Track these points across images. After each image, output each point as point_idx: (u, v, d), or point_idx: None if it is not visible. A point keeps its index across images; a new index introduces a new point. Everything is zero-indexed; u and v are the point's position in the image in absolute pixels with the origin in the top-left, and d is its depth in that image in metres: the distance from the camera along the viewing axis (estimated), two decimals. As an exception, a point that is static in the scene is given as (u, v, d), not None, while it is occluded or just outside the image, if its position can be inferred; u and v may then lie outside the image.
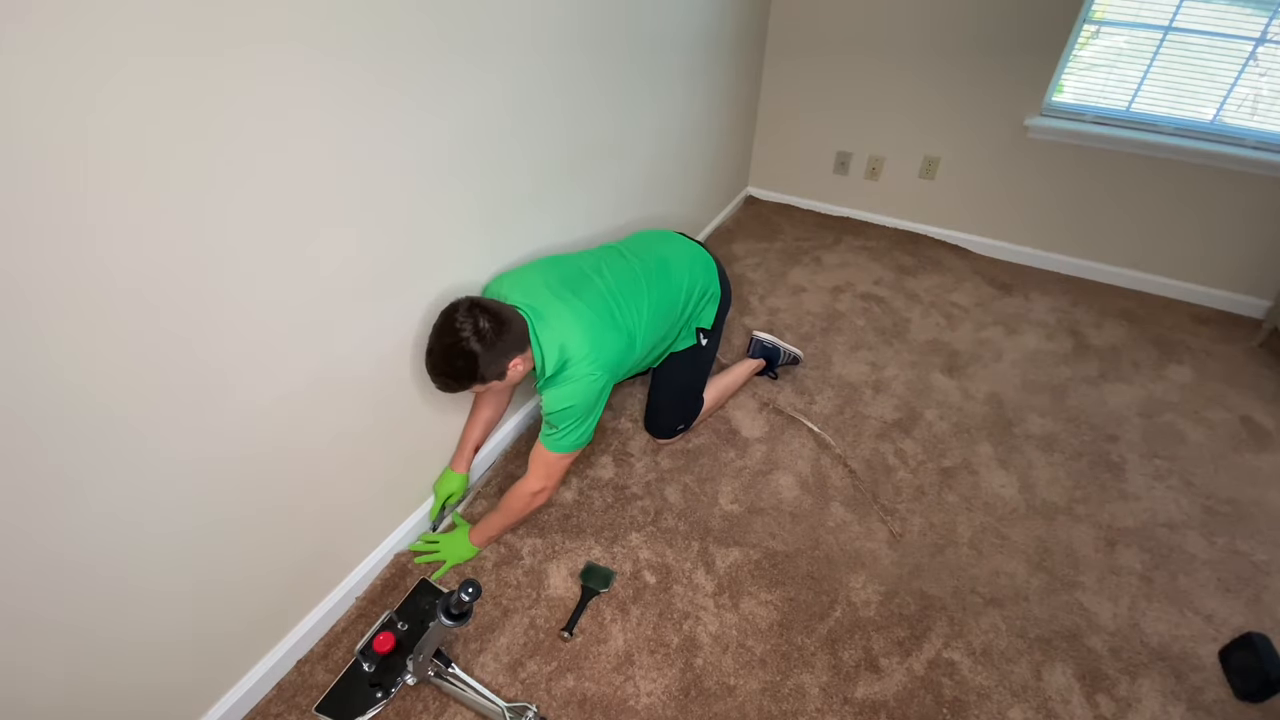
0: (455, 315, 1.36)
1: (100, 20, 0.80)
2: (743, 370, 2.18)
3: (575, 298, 1.54)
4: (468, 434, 1.79)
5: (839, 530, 1.81)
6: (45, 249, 0.85)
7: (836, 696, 1.47)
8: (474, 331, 1.35)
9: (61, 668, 1.06)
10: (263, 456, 1.27)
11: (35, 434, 0.91)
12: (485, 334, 1.36)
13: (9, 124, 0.77)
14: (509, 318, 1.42)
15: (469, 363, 1.36)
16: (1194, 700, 1.47)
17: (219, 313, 1.09)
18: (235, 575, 1.31)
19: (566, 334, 1.48)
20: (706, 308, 1.84)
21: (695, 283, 1.79)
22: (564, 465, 1.59)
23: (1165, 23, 2.30)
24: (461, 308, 1.37)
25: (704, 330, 1.87)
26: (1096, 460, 2.02)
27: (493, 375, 1.42)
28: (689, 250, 1.84)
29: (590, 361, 1.48)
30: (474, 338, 1.35)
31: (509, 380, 1.47)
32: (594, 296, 1.57)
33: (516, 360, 1.44)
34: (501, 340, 1.38)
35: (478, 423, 1.79)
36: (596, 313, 1.54)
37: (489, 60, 1.44)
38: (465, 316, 1.36)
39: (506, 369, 1.43)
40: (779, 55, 2.97)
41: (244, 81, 0.98)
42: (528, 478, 1.61)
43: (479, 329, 1.35)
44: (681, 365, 1.91)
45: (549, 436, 1.54)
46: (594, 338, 1.50)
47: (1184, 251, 2.65)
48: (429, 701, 1.44)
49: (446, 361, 1.38)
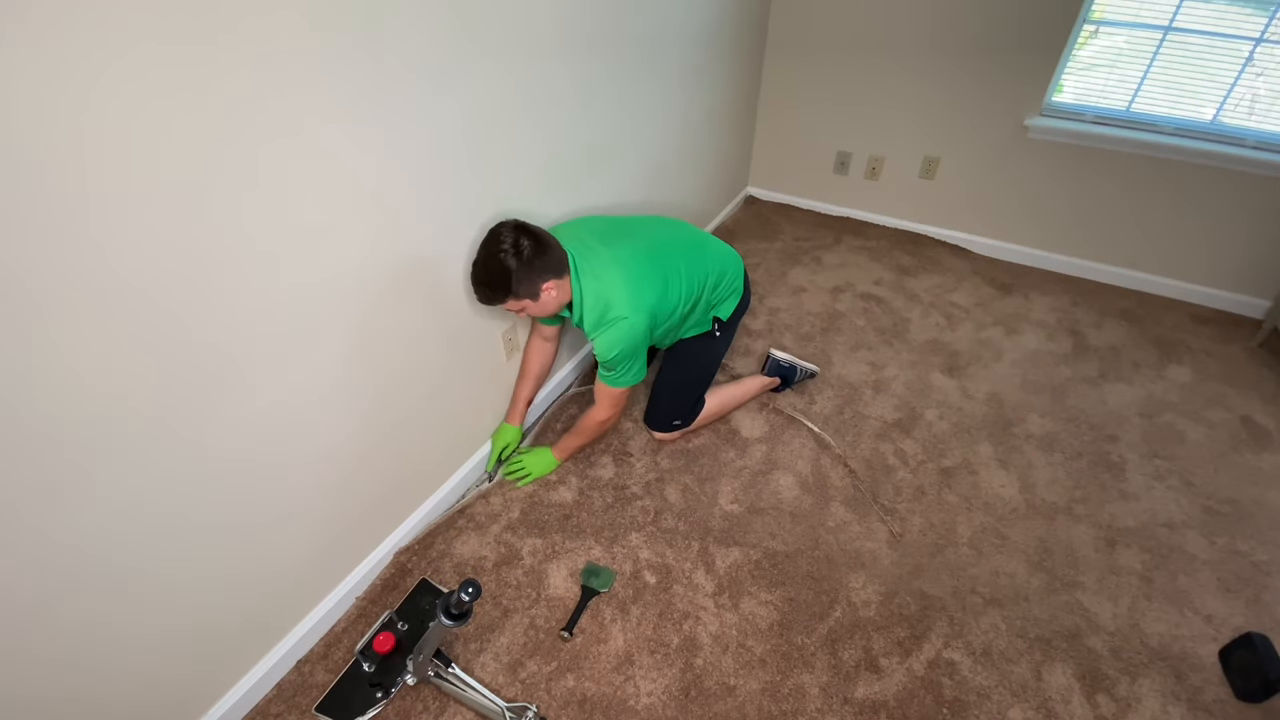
0: (501, 232, 1.48)
1: (104, 10, 0.81)
2: (753, 384, 2.15)
3: (618, 246, 1.64)
4: (519, 391, 1.95)
5: (839, 530, 1.81)
6: (51, 247, 0.85)
7: (836, 696, 1.47)
8: (513, 247, 1.46)
9: (61, 666, 1.06)
10: (265, 457, 1.27)
11: (43, 431, 0.92)
12: (523, 251, 1.46)
13: (18, 122, 0.77)
14: (549, 244, 1.52)
15: (505, 275, 1.47)
16: (1194, 700, 1.47)
17: (227, 313, 1.09)
18: (235, 575, 1.31)
19: (608, 279, 1.59)
20: (728, 299, 1.89)
21: (725, 270, 1.86)
22: (624, 396, 1.77)
23: (1165, 23, 2.30)
24: (508, 226, 1.48)
25: (720, 321, 1.90)
26: (1096, 460, 2.02)
27: (525, 293, 1.51)
28: (722, 245, 1.92)
29: (630, 306, 1.58)
30: (512, 253, 1.46)
31: (542, 304, 1.56)
32: (636, 247, 1.67)
33: (550, 284, 1.53)
34: (538, 260, 1.48)
35: (527, 379, 1.93)
36: (637, 261, 1.64)
37: (491, 59, 1.44)
38: (509, 234, 1.47)
39: (540, 290, 1.52)
40: (779, 55, 2.97)
41: (258, 66, 0.98)
42: (596, 408, 1.80)
43: (518, 246, 1.46)
44: (690, 354, 1.93)
45: (607, 376, 1.70)
46: (633, 283, 1.60)
47: (1184, 251, 2.65)
48: (429, 701, 1.44)
49: (486, 271, 1.48)
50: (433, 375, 1.64)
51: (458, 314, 1.66)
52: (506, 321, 1.85)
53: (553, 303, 1.57)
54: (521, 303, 1.54)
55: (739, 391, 2.12)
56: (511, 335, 1.88)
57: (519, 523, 1.81)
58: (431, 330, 1.59)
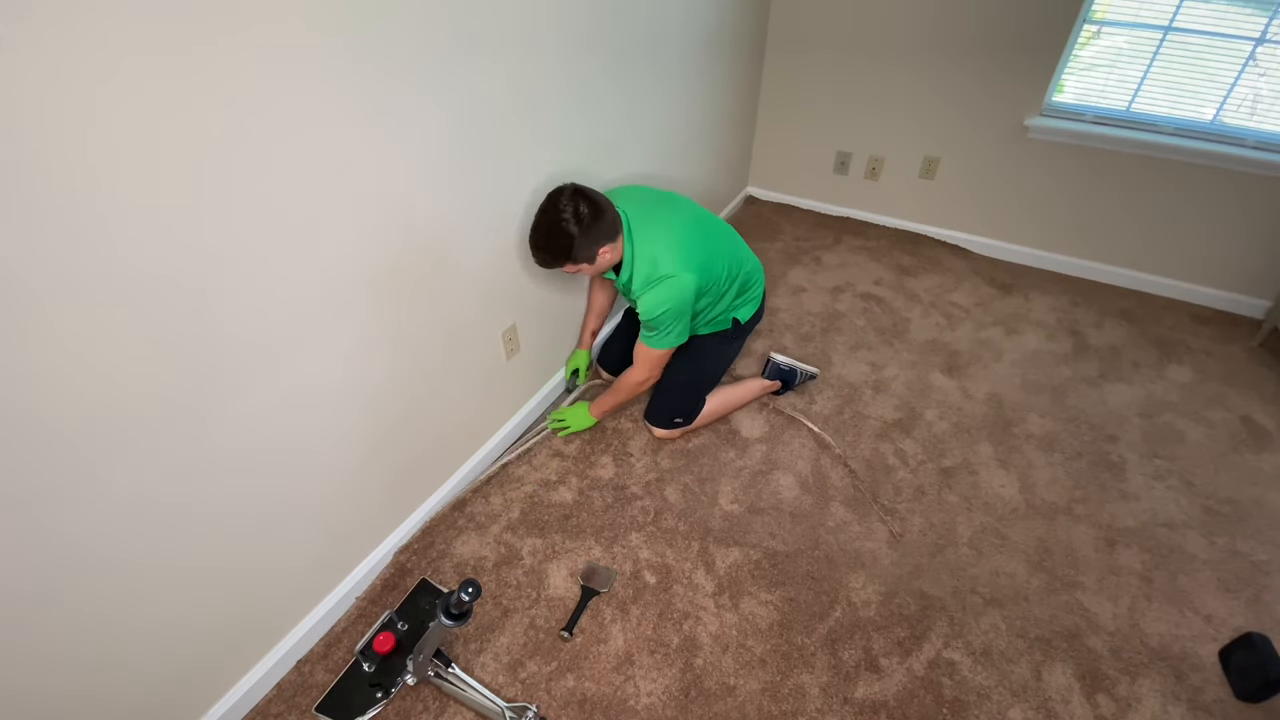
0: (560, 199, 1.51)
1: (102, 17, 0.81)
2: (753, 387, 2.15)
3: (669, 213, 1.72)
4: (586, 323, 2.17)
5: (839, 530, 1.81)
6: (57, 246, 0.85)
7: (836, 696, 1.47)
8: (574, 215, 1.50)
9: (61, 666, 1.06)
10: (266, 455, 1.27)
11: (48, 426, 0.92)
12: (584, 218, 1.51)
13: (25, 120, 0.77)
14: (605, 207, 1.57)
15: (567, 242, 1.52)
16: (1194, 700, 1.47)
17: (231, 310, 1.09)
18: (235, 575, 1.31)
19: (660, 239, 1.65)
20: (749, 302, 1.95)
21: (754, 274, 1.93)
22: (665, 358, 1.82)
23: (1165, 23, 2.31)
24: (566, 192, 1.52)
25: (738, 323, 1.95)
26: (1096, 460, 2.02)
27: (584, 258, 1.57)
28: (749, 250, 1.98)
29: (679, 264, 1.63)
30: (574, 220, 1.50)
31: (596, 265, 1.63)
32: (685, 217, 1.75)
33: (605, 249, 1.60)
34: (597, 225, 1.54)
35: (593, 312, 2.15)
36: (687, 229, 1.71)
37: (489, 59, 1.44)
38: (568, 201, 1.50)
39: (596, 254, 1.59)
40: (779, 55, 2.97)
41: (266, 65, 0.98)
42: (634, 369, 1.85)
43: (579, 213, 1.50)
44: (703, 352, 1.98)
45: (650, 337, 1.75)
46: (684, 245, 1.66)
47: (1184, 251, 2.65)
48: (429, 701, 1.44)
49: (548, 239, 1.53)
50: (432, 375, 1.64)
51: (459, 314, 1.66)
52: (506, 321, 1.85)
53: (606, 264, 1.65)
54: (579, 266, 1.60)
55: (739, 393, 2.12)
56: (511, 335, 1.88)
57: (519, 523, 1.81)
58: (433, 330, 1.59)
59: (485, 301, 1.73)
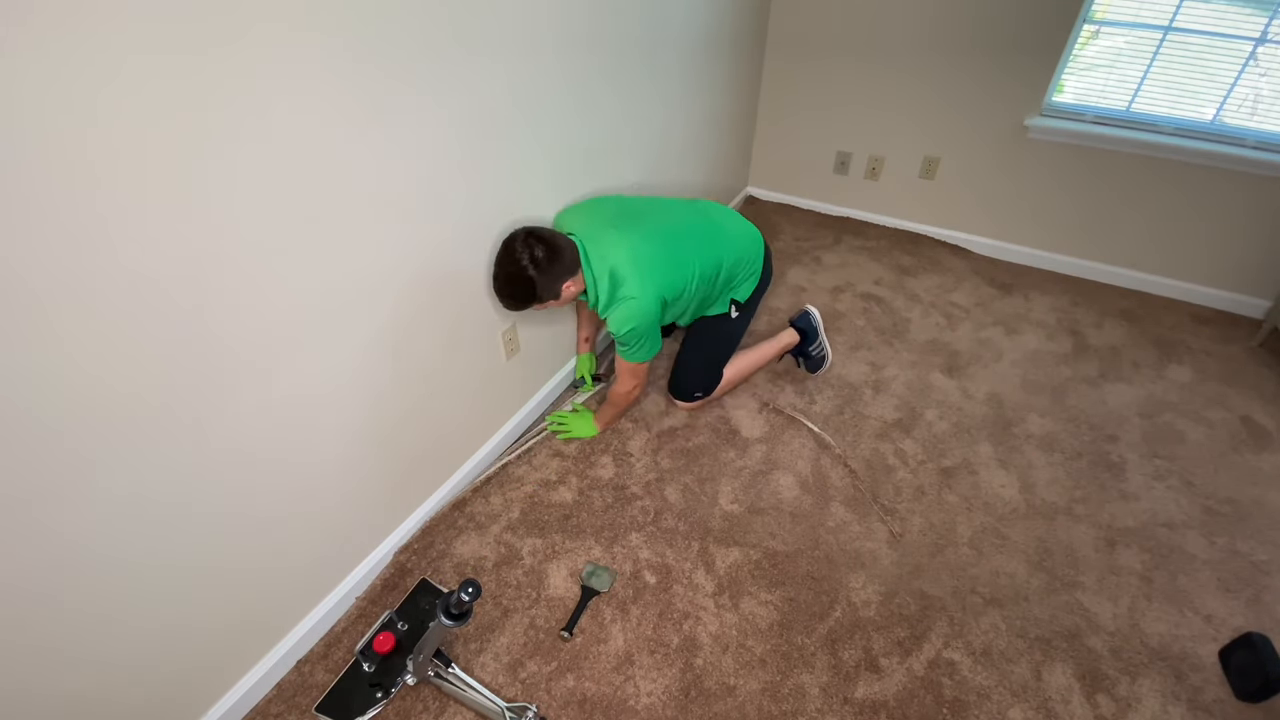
0: (515, 246, 1.55)
1: (104, 18, 0.81)
2: (769, 349, 2.20)
3: (628, 229, 1.71)
4: (579, 333, 2.22)
5: (839, 530, 1.81)
6: (55, 247, 0.85)
7: (836, 696, 1.47)
8: (530, 260, 1.54)
9: (60, 665, 1.06)
10: (266, 455, 1.27)
11: (49, 427, 0.92)
12: (540, 261, 1.55)
13: (24, 122, 0.77)
14: (561, 245, 1.60)
15: (528, 286, 1.57)
16: (1194, 700, 1.47)
17: (235, 310, 1.09)
18: (235, 574, 1.31)
19: (615, 260, 1.66)
20: (746, 282, 1.95)
21: (743, 254, 1.92)
22: (644, 370, 1.86)
23: (1165, 23, 2.31)
24: (519, 239, 1.56)
25: (737, 303, 1.97)
26: (1096, 460, 2.02)
27: (548, 296, 1.62)
28: (745, 226, 1.98)
29: (639, 284, 1.66)
30: (531, 265, 1.55)
31: (564, 299, 1.67)
32: (647, 229, 1.74)
33: (569, 283, 1.64)
34: (554, 266, 1.58)
35: (582, 323, 2.19)
36: (646, 245, 1.70)
37: (489, 59, 1.44)
38: (523, 247, 1.54)
39: (560, 291, 1.64)
40: (779, 55, 2.97)
41: (265, 65, 0.98)
42: (619, 383, 1.91)
43: (535, 257, 1.55)
44: (709, 331, 2.02)
45: (623, 351, 1.78)
46: (641, 263, 1.67)
47: (1184, 251, 2.65)
48: (429, 701, 1.44)
49: (509, 285, 1.58)
50: (433, 375, 1.64)
51: (459, 314, 1.66)
52: (506, 322, 1.85)
53: (573, 296, 1.69)
54: (546, 304, 1.66)
55: (754, 357, 2.18)
56: (511, 335, 1.89)
57: (519, 523, 1.81)
58: (433, 330, 1.59)
59: (485, 302, 1.73)
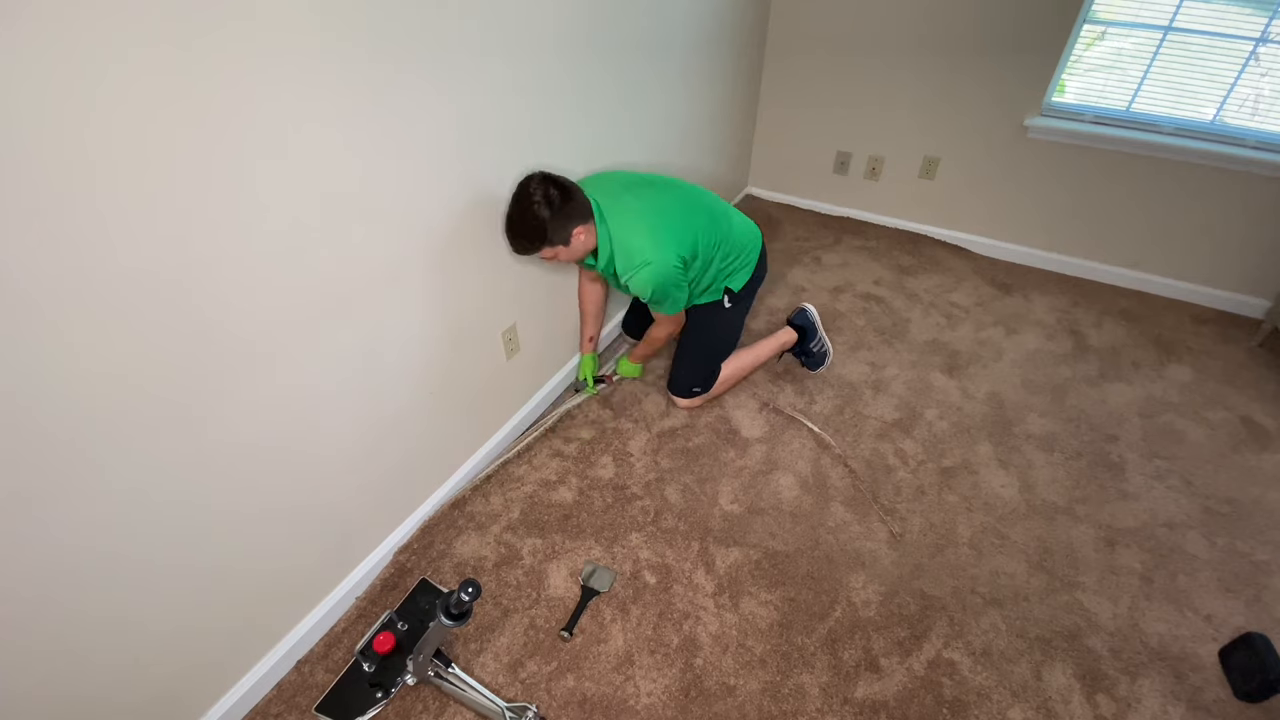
0: (530, 184, 1.55)
1: (102, 12, 0.81)
2: (766, 347, 2.21)
3: (642, 196, 1.74)
4: (583, 330, 2.20)
5: (839, 530, 1.81)
6: (53, 247, 0.85)
7: (836, 696, 1.47)
8: (544, 198, 1.54)
9: (61, 666, 1.06)
10: (265, 455, 1.27)
11: (49, 425, 0.92)
12: (554, 201, 1.55)
13: (23, 120, 0.77)
14: (573, 190, 1.61)
15: (539, 224, 1.56)
16: (1194, 700, 1.47)
17: (236, 305, 1.09)
18: (235, 574, 1.31)
19: (631, 224, 1.69)
20: (740, 270, 1.96)
21: (744, 241, 1.95)
22: (680, 317, 1.93)
23: (1165, 23, 2.30)
24: (535, 179, 1.56)
25: (731, 292, 1.97)
26: (1096, 460, 2.02)
27: (559, 239, 1.61)
28: (744, 219, 2.01)
29: (655, 248, 1.68)
30: (544, 204, 1.54)
31: (574, 248, 1.65)
32: (659, 198, 1.77)
33: (579, 229, 1.63)
34: (567, 207, 1.58)
35: (587, 318, 2.16)
36: (660, 210, 1.74)
37: (490, 57, 1.44)
38: (537, 186, 1.55)
39: (571, 236, 1.62)
40: (779, 55, 2.97)
41: (257, 62, 0.98)
42: (658, 326, 1.98)
43: (548, 196, 1.55)
44: (704, 324, 2.04)
45: (657, 306, 1.84)
46: (655, 229, 1.70)
47: (1184, 251, 2.65)
48: (429, 701, 1.44)
49: (521, 223, 1.56)
50: (433, 375, 1.64)
51: (459, 314, 1.66)
52: (506, 321, 1.85)
53: (582, 247, 1.67)
54: (555, 249, 1.63)
55: (752, 356, 2.18)
56: (511, 335, 1.88)
57: (519, 523, 1.81)
58: (433, 330, 1.59)
59: (485, 301, 1.74)
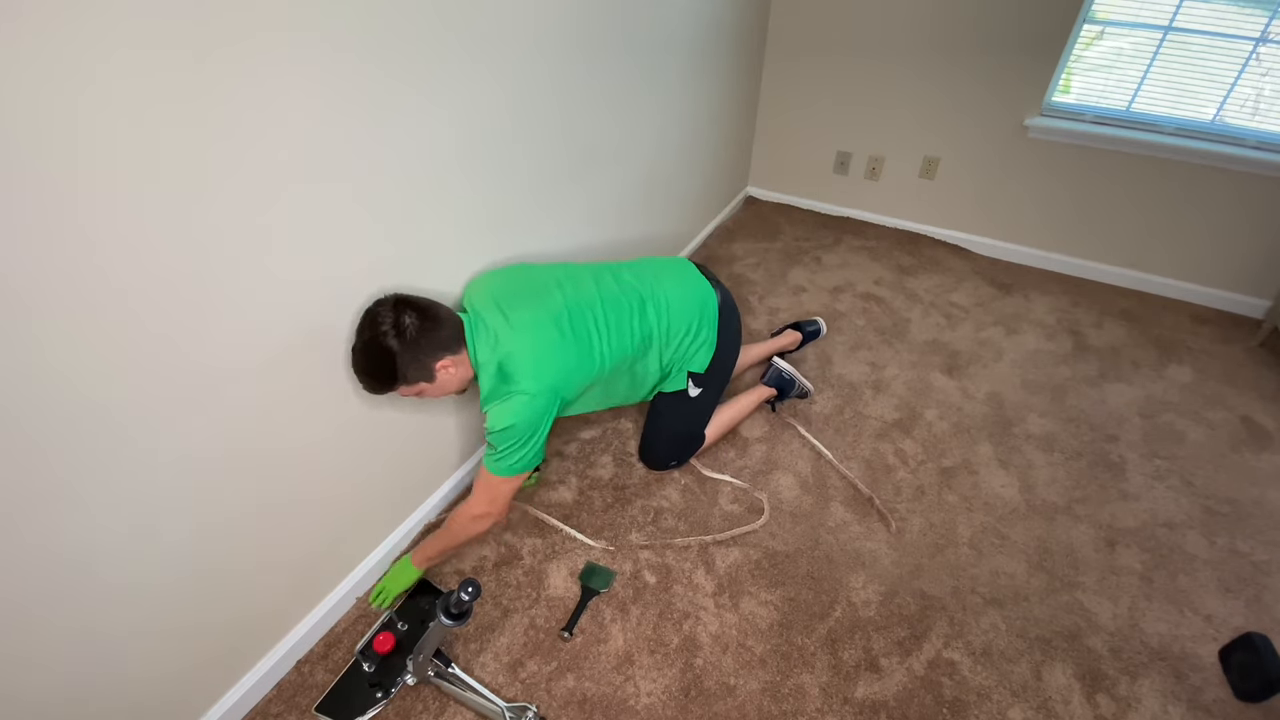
0: (378, 311, 1.29)
1: (94, 14, 0.80)
2: (747, 401, 2.06)
3: (528, 310, 1.45)
4: None
5: (839, 530, 1.81)
6: (39, 250, 0.85)
7: (836, 696, 1.47)
8: (393, 327, 1.27)
9: (60, 666, 1.06)
10: (265, 455, 1.27)
11: (39, 431, 0.91)
12: (406, 330, 1.28)
13: (15, 124, 0.77)
14: (440, 316, 1.35)
15: (388, 360, 1.28)
16: (1194, 700, 1.47)
17: (216, 310, 1.09)
18: (235, 575, 1.31)
19: (508, 347, 1.40)
20: (698, 353, 1.70)
21: (686, 322, 1.66)
22: (508, 489, 1.48)
23: (1165, 23, 2.30)
24: (387, 303, 1.30)
25: (695, 375, 1.74)
26: (1096, 460, 2.02)
27: (416, 376, 1.33)
28: (693, 289, 1.69)
29: (532, 379, 1.39)
30: (393, 333, 1.27)
31: (441, 384, 1.38)
32: (550, 311, 1.47)
33: (446, 361, 1.36)
34: (426, 336, 1.30)
35: None
36: (545, 329, 1.44)
37: (488, 57, 1.44)
38: (389, 312, 1.28)
39: (434, 370, 1.35)
40: (779, 55, 2.97)
41: (241, 74, 0.98)
42: (471, 500, 1.52)
43: (399, 325, 1.27)
44: (674, 409, 1.81)
45: (490, 457, 1.45)
46: (537, 354, 1.41)
47: (1184, 251, 2.65)
48: (429, 701, 1.44)
49: (365, 358, 1.29)
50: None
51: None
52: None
53: (454, 381, 1.40)
54: (416, 387, 1.35)
55: (733, 413, 2.02)
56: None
57: (519, 523, 1.81)
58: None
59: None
